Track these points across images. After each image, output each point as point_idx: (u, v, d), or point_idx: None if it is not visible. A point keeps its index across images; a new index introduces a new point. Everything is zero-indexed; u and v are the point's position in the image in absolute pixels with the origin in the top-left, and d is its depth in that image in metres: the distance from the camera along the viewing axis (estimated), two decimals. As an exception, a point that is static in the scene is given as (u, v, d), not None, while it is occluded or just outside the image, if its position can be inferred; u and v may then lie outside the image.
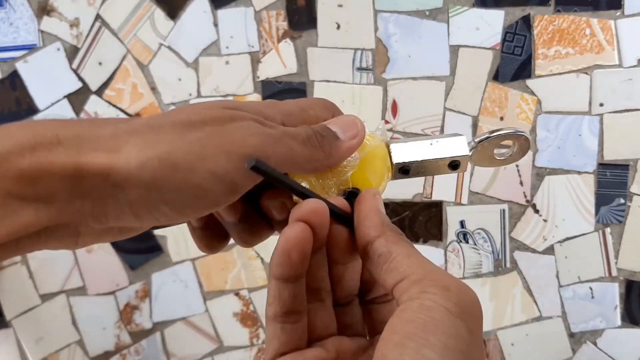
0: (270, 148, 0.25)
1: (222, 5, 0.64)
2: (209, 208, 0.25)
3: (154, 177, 0.23)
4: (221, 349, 0.67)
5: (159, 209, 0.24)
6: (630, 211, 0.62)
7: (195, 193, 0.24)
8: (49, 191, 0.22)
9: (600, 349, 0.64)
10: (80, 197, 0.22)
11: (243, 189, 0.25)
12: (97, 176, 0.22)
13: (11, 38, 0.65)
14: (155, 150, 0.23)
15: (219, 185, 0.24)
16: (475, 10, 0.62)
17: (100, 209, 0.23)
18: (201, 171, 0.24)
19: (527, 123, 0.62)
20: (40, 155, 0.22)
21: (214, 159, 0.24)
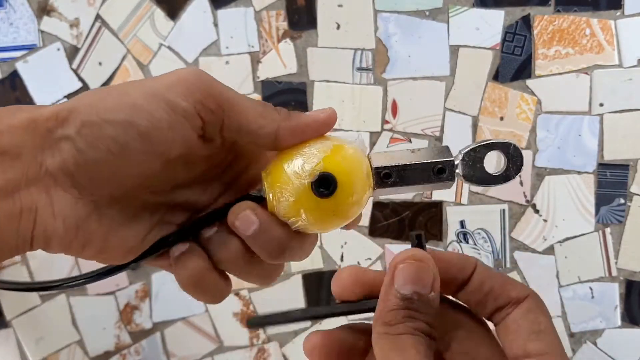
0: (208, 78, 0.26)
1: (222, 6, 0.64)
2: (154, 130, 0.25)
3: (91, 104, 0.25)
4: (221, 349, 0.67)
5: (103, 132, 0.24)
6: (630, 211, 0.62)
7: (131, 111, 0.25)
8: (12, 144, 0.24)
9: (600, 349, 0.64)
10: (39, 148, 0.24)
11: (183, 110, 0.25)
12: (49, 120, 0.24)
13: (11, 38, 0.65)
14: (97, 92, 0.26)
15: (153, 103, 0.25)
16: (475, 10, 0.62)
17: (60, 154, 0.24)
18: (134, 93, 0.25)
19: (527, 123, 0.62)
20: (3, 118, 0.24)
21: (147, 84, 0.26)
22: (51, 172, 0.24)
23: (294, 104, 0.64)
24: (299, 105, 0.64)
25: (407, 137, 0.64)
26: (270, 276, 0.30)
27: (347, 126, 0.63)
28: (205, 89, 0.26)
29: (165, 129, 0.25)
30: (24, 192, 0.24)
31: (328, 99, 0.64)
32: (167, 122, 0.25)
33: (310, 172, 0.27)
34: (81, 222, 0.26)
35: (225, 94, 0.26)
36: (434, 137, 0.63)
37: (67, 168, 0.24)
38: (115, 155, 0.25)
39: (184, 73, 0.26)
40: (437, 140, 0.63)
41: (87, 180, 0.25)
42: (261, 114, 0.27)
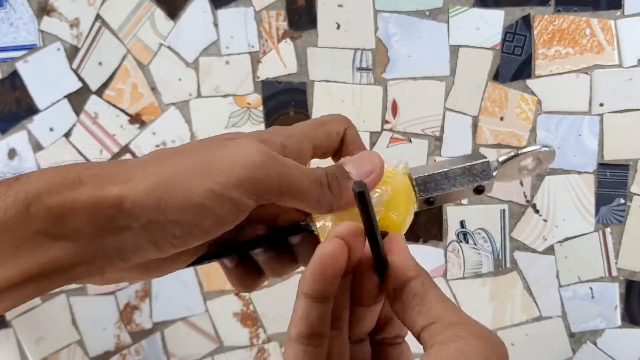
0: (276, 168, 0.26)
1: (222, 5, 0.64)
2: (217, 227, 0.26)
3: (159, 200, 0.24)
4: (221, 349, 0.67)
5: (168, 232, 0.25)
6: (630, 211, 0.62)
7: (198, 212, 0.25)
8: (74, 228, 0.24)
9: (600, 349, 0.64)
10: (101, 233, 0.24)
11: (246, 207, 0.26)
12: (113, 207, 0.24)
13: (11, 38, 0.65)
14: (160, 176, 0.25)
15: (219, 204, 0.25)
16: (475, 10, 0.62)
17: (119, 242, 0.25)
18: (200, 190, 0.25)
19: (527, 123, 0.62)
20: (65, 194, 0.24)
21: (212, 178, 0.25)
22: (108, 256, 0.25)
23: (294, 104, 0.64)
24: (299, 105, 0.64)
25: (407, 137, 0.64)
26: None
27: (347, 126, 0.63)
28: (271, 184, 0.26)
29: (229, 223, 0.26)
30: (77, 269, 0.25)
31: (328, 99, 0.64)
32: (232, 220, 0.26)
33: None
34: (126, 277, 0.28)
35: (288, 183, 0.26)
36: (434, 137, 0.63)
37: (125, 252, 0.25)
38: (174, 246, 0.26)
39: (252, 165, 0.25)
40: (437, 140, 0.63)
41: (141, 260, 0.26)
42: (318, 201, 0.28)
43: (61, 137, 0.66)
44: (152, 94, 0.65)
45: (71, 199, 0.24)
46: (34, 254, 0.23)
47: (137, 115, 0.65)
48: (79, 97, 0.65)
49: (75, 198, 0.24)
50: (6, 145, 0.66)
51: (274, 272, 0.31)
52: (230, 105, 0.65)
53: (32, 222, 0.23)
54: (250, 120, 0.65)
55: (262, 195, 0.26)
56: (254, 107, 0.65)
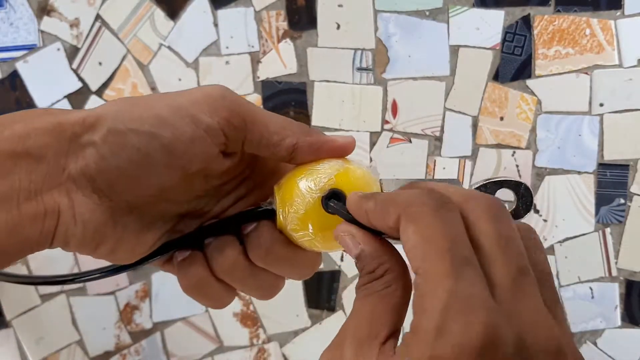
0: (232, 96, 0.27)
1: (222, 6, 0.64)
2: (176, 143, 0.26)
3: (117, 111, 0.25)
4: (221, 349, 0.67)
5: (128, 142, 0.25)
6: (630, 211, 0.62)
7: (156, 122, 0.25)
8: (37, 146, 0.24)
9: (600, 349, 0.64)
10: (65, 151, 0.25)
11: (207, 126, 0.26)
12: (75, 124, 0.25)
13: (11, 38, 0.65)
14: (124, 100, 0.26)
15: (179, 117, 0.25)
16: (475, 10, 0.62)
17: (83, 160, 0.25)
18: (159, 104, 0.26)
19: (527, 123, 0.62)
20: (32, 120, 0.25)
21: (172, 99, 0.26)
22: (73, 177, 0.25)
23: (294, 104, 0.64)
24: (299, 105, 0.64)
25: (407, 137, 0.64)
26: (270, 291, 0.31)
27: (347, 126, 0.63)
28: (229, 105, 0.26)
29: (188, 143, 0.26)
30: (47, 194, 0.24)
31: (328, 99, 0.64)
32: (190, 136, 0.26)
33: (321, 187, 0.27)
34: (99, 226, 0.26)
35: (249, 110, 0.27)
36: (434, 137, 0.63)
37: (89, 173, 0.25)
38: (137, 164, 0.25)
39: (209, 90, 0.27)
40: (437, 140, 0.63)
41: (107, 186, 0.26)
42: (282, 126, 0.28)
43: (61, 137, 0.66)
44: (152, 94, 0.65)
45: (37, 121, 0.24)
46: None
47: (137, 115, 0.65)
48: (79, 97, 0.65)
49: (41, 120, 0.25)
50: (6, 145, 0.66)
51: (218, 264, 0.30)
52: (230, 105, 0.65)
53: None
54: (250, 120, 0.65)
55: (224, 117, 0.26)
56: (254, 107, 0.65)
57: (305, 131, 0.28)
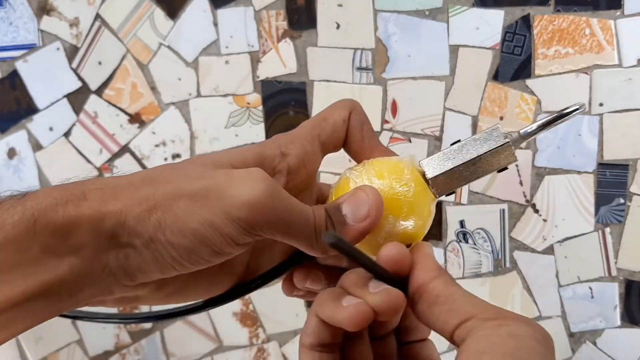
0: (273, 210, 0.26)
1: (222, 5, 0.64)
2: (214, 257, 0.26)
3: (159, 220, 0.25)
4: (221, 349, 0.67)
5: (167, 252, 0.25)
6: (630, 211, 0.62)
7: (195, 238, 0.25)
8: (79, 243, 0.24)
9: (599, 349, 0.64)
10: (105, 249, 0.25)
11: (243, 241, 0.26)
12: (116, 223, 0.24)
13: (11, 37, 0.65)
14: (162, 196, 0.25)
15: (215, 235, 0.26)
16: (475, 10, 0.62)
17: (124, 259, 0.25)
18: (199, 218, 0.25)
19: (527, 123, 0.62)
20: (70, 209, 0.24)
21: (212, 208, 0.25)
22: (113, 272, 0.25)
23: (293, 104, 0.64)
24: (299, 105, 0.64)
25: (407, 136, 0.64)
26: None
27: (347, 126, 0.63)
28: (268, 225, 0.26)
29: (226, 255, 0.27)
30: (86, 289, 0.25)
31: (328, 99, 0.64)
32: (229, 252, 0.27)
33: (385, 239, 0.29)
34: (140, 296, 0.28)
35: (285, 227, 0.27)
36: (433, 136, 0.63)
37: (130, 271, 0.26)
38: (176, 269, 0.26)
39: (252, 204, 0.25)
40: (436, 140, 0.63)
41: (146, 279, 0.27)
42: (312, 246, 0.28)
43: (61, 137, 0.66)
44: (152, 94, 0.65)
45: (76, 213, 0.24)
46: (40, 270, 0.23)
47: (137, 114, 0.65)
48: (78, 96, 0.65)
49: (80, 213, 0.24)
50: (6, 145, 0.66)
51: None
52: (229, 105, 0.65)
53: (38, 238, 0.23)
54: (249, 120, 0.65)
55: (259, 233, 0.26)
56: (253, 107, 0.65)
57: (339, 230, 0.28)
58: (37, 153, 0.66)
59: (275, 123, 0.64)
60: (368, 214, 0.28)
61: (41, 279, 0.23)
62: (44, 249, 0.23)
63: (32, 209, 0.23)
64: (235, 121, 0.65)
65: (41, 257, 0.23)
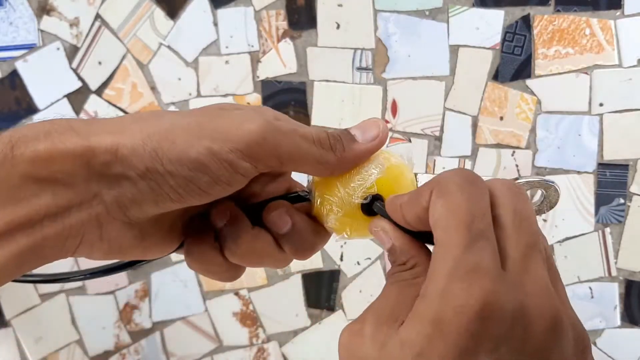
0: (272, 137, 0.26)
1: (222, 5, 0.64)
2: (213, 186, 0.26)
3: (155, 149, 0.24)
4: (221, 349, 0.67)
5: (166, 182, 0.25)
6: (630, 211, 0.62)
7: (194, 166, 0.25)
8: (64, 171, 0.23)
9: (600, 349, 0.64)
10: (97, 179, 0.24)
11: (244, 170, 0.26)
12: (107, 153, 0.23)
13: (11, 37, 0.65)
14: (157, 128, 0.25)
15: (216, 163, 0.25)
16: (475, 10, 0.62)
17: (117, 190, 0.24)
18: (198, 147, 0.25)
19: (527, 123, 0.62)
20: (54, 139, 0.23)
21: (211, 136, 0.25)
22: (106, 203, 0.24)
23: (293, 104, 0.64)
24: (299, 105, 0.64)
25: (407, 137, 0.64)
26: (286, 262, 0.32)
27: (347, 126, 0.63)
28: (270, 150, 0.26)
29: (225, 184, 0.26)
30: (73, 217, 0.24)
31: (328, 99, 0.64)
32: (227, 179, 0.26)
33: (362, 193, 0.29)
34: (125, 241, 0.27)
35: (288, 150, 0.26)
36: (433, 136, 0.63)
37: (123, 202, 0.25)
38: (172, 200, 0.26)
39: (250, 127, 0.25)
40: (436, 140, 0.63)
41: (140, 213, 0.26)
42: (319, 161, 0.28)
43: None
44: (152, 94, 0.65)
45: (61, 143, 0.23)
46: (22, 199, 0.22)
47: (137, 114, 0.65)
48: (78, 96, 0.65)
49: (65, 142, 0.23)
50: (6, 145, 0.66)
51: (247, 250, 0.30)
52: (230, 105, 0.65)
53: (17, 165, 0.22)
54: (249, 120, 0.65)
55: (261, 160, 0.26)
56: (253, 107, 0.65)
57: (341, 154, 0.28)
58: (37, 153, 0.66)
59: (275, 123, 0.64)
60: (378, 134, 0.29)
61: (22, 209, 0.22)
62: (24, 178, 0.22)
63: (10, 137, 0.22)
64: (235, 121, 0.65)
65: (21, 186, 0.22)
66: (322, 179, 0.30)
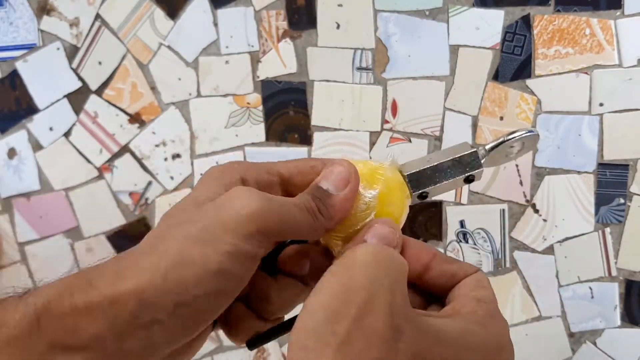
0: (272, 213, 0.26)
1: (222, 5, 0.64)
2: (239, 286, 0.26)
3: (178, 281, 0.23)
4: (221, 349, 0.67)
5: (196, 309, 0.24)
6: (630, 211, 0.62)
7: (220, 277, 0.24)
8: (93, 334, 0.22)
9: (600, 349, 0.64)
10: (125, 334, 0.22)
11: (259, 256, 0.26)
12: (133, 302, 0.22)
13: (11, 37, 0.65)
14: (170, 256, 0.23)
15: (237, 263, 0.25)
16: (475, 10, 0.62)
17: (147, 339, 0.23)
18: (216, 256, 0.24)
19: (527, 123, 0.62)
20: (76, 297, 0.22)
21: (223, 238, 0.24)
22: (135, 352, 0.23)
23: (293, 104, 0.64)
24: (299, 105, 0.64)
25: (407, 136, 0.64)
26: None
27: (347, 126, 0.63)
28: (274, 228, 0.26)
29: (247, 279, 0.26)
30: None
31: (328, 99, 0.64)
32: (250, 275, 0.26)
33: (363, 225, 0.29)
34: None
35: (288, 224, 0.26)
36: (433, 136, 0.63)
37: (155, 346, 0.24)
38: (205, 321, 0.25)
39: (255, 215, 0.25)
40: (436, 140, 0.63)
41: (170, 347, 0.25)
42: (313, 227, 0.28)
43: (61, 137, 0.66)
44: (152, 94, 0.65)
45: (84, 301, 0.22)
46: None
47: (137, 114, 0.65)
48: (78, 96, 0.65)
49: (88, 299, 0.22)
50: (6, 145, 0.66)
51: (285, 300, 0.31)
52: (230, 105, 0.65)
53: (44, 335, 0.21)
54: (250, 120, 0.65)
55: (270, 240, 0.26)
56: (253, 107, 0.65)
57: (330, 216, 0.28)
58: (37, 153, 0.66)
59: (275, 123, 0.64)
60: (348, 180, 0.28)
61: None
62: (52, 347, 0.21)
63: (34, 305, 0.21)
64: (235, 121, 0.65)
65: (48, 355, 0.21)
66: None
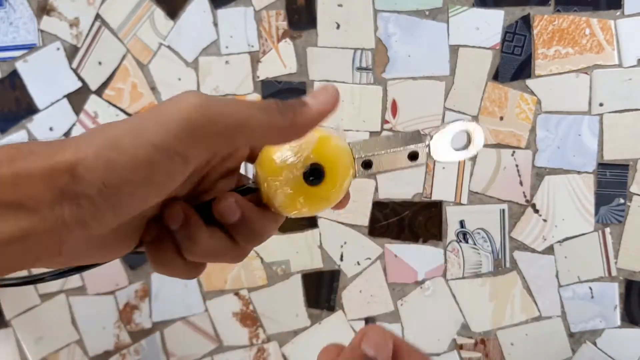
0: (216, 106, 0.26)
1: (222, 5, 0.64)
2: (169, 181, 0.26)
3: (108, 161, 0.24)
4: (221, 349, 0.67)
5: (124, 192, 0.25)
6: (630, 211, 0.62)
7: (148, 168, 0.25)
8: (29, 196, 0.23)
9: (599, 349, 0.64)
10: (59, 200, 0.24)
11: (195, 157, 0.26)
12: (67, 172, 0.24)
13: (11, 37, 0.65)
14: (105, 139, 0.25)
15: (167, 158, 0.25)
16: (475, 10, 0.62)
17: (78, 210, 0.24)
18: (146, 146, 0.25)
19: (527, 123, 0.62)
20: (18, 163, 0.23)
21: (154, 132, 0.25)
22: (67, 223, 0.24)
23: (293, 104, 0.64)
24: (299, 105, 0.64)
25: (407, 136, 0.64)
26: (243, 255, 0.32)
27: (347, 126, 0.63)
28: (213, 122, 0.26)
29: (180, 179, 0.26)
30: (34, 237, 0.24)
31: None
32: (182, 174, 0.26)
33: (302, 164, 0.30)
34: (83, 253, 0.27)
35: (233, 117, 0.26)
36: (433, 136, 0.63)
37: (85, 221, 0.25)
38: (130, 206, 0.26)
39: (187, 113, 0.25)
40: (436, 140, 0.63)
41: (100, 227, 0.26)
42: (270, 125, 0.27)
43: (61, 137, 0.66)
44: (152, 94, 0.65)
45: (24, 166, 0.23)
46: None
47: (137, 114, 0.65)
48: (78, 96, 0.65)
49: (29, 165, 0.23)
50: (6, 145, 0.66)
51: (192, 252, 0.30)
52: (230, 105, 0.65)
53: None
54: (250, 120, 0.65)
55: (209, 139, 0.26)
56: (253, 107, 0.65)
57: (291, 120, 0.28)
58: (37, 153, 0.66)
59: (275, 123, 0.64)
60: (329, 98, 0.29)
61: None
62: None
63: None
64: (235, 121, 0.65)
65: None
66: (263, 164, 0.30)
